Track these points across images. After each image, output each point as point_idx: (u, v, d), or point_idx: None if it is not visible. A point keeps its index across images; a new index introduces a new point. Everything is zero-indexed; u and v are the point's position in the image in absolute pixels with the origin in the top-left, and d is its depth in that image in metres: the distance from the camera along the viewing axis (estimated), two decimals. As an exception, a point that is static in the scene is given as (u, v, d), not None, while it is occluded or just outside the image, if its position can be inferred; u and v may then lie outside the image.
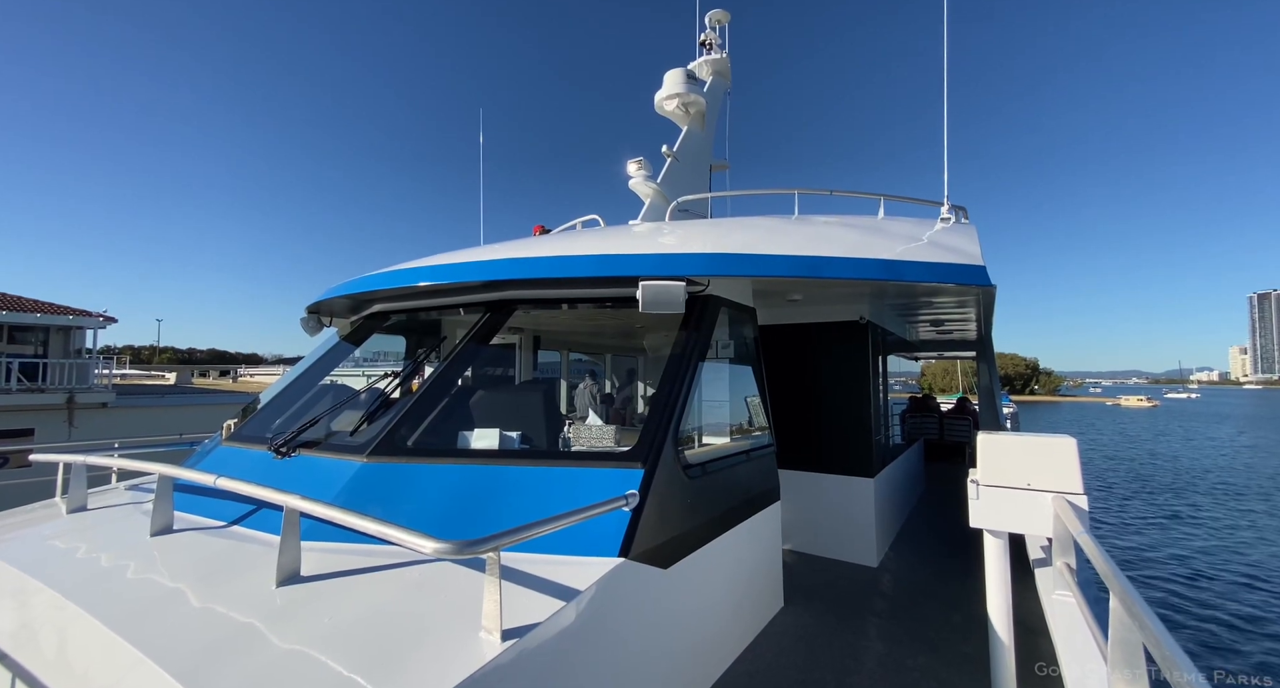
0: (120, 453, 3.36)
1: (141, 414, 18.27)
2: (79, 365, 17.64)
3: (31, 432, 15.84)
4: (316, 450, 2.78)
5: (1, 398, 15.59)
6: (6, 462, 15.29)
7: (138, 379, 29.44)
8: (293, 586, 1.93)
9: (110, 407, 17.42)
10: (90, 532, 2.77)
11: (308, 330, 4.56)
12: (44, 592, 2.04)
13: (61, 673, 1.90)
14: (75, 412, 16.67)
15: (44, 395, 16.34)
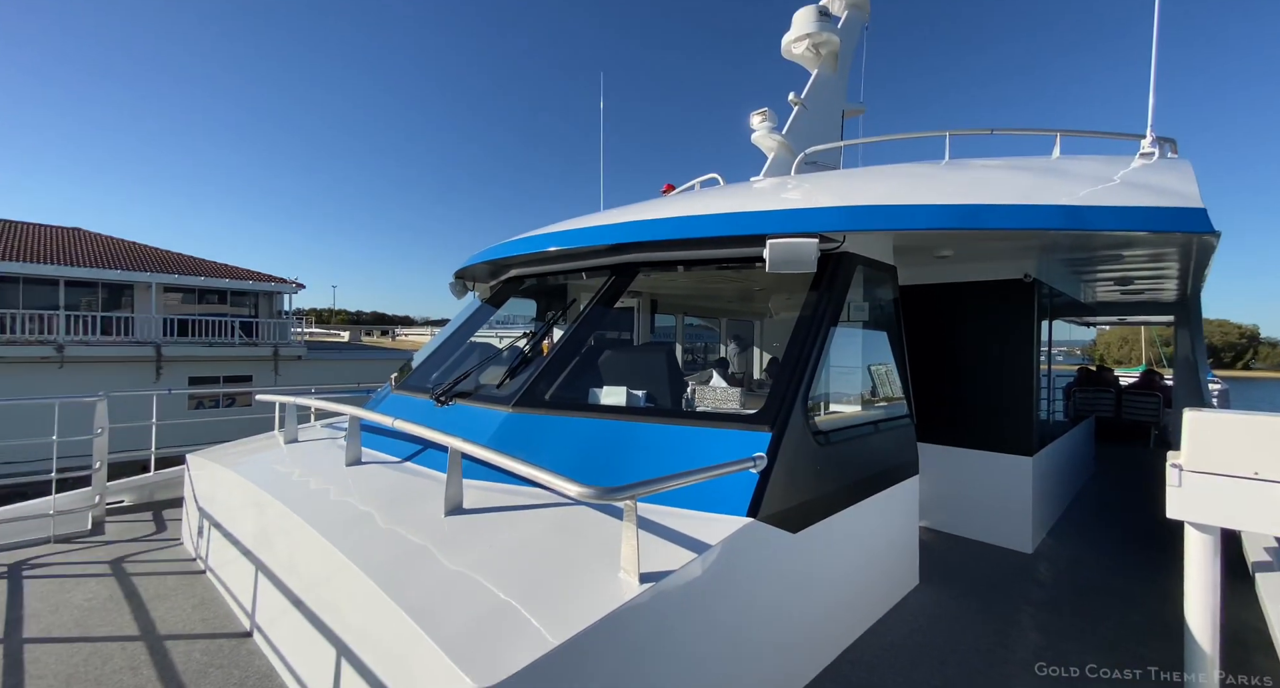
0: (317, 396, 4.02)
1: (326, 366, 21.79)
2: (280, 325, 21.37)
3: (250, 378, 19.66)
4: (469, 400, 3.10)
5: (228, 350, 19.46)
6: (234, 401, 19.23)
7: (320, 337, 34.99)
8: (457, 516, 2.21)
9: (304, 359, 20.99)
10: (301, 460, 3.39)
11: (455, 294, 5.04)
12: (275, 504, 2.54)
13: (288, 568, 2.37)
14: (279, 363, 20.34)
15: (257, 348, 20.10)
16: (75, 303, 18.14)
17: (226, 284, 21.14)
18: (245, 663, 2.35)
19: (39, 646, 2.53)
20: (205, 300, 21.51)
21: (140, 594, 3.03)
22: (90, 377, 16.08)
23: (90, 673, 2.31)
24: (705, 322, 8.91)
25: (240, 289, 21.67)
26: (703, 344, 9.45)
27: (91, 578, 3.28)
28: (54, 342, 16.36)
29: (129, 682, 2.24)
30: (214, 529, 3.26)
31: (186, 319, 19.33)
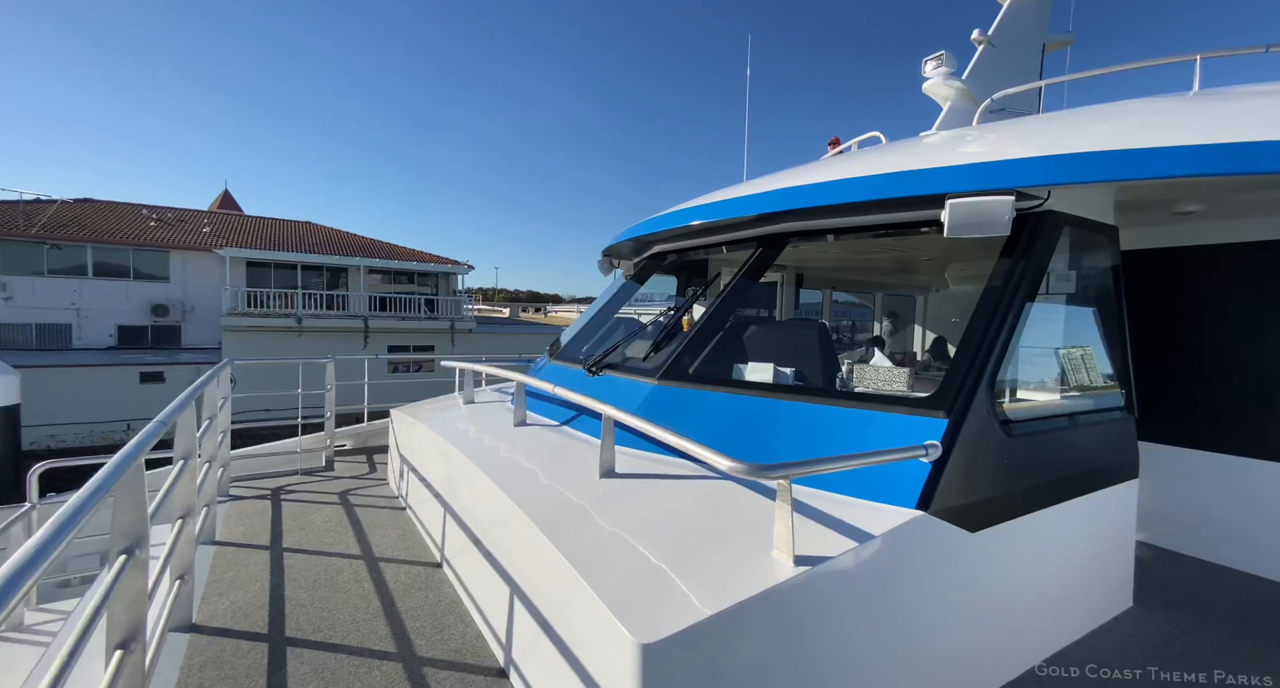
0: (488, 364, 4.50)
1: (492, 338, 24.47)
2: (456, 301, 24.41)
3: (433, 347, 22.82)
4: (617, 372, 3.23)
5: (416, 324, 22.76)
6: (421, 367, 22.51)
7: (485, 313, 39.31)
8: (610, 479, 2.32)
9: (474, 332, 23.80)
10: (477, 419, 3.83)
11: (602, 271, 5.26)
12: (458, 455, 2.90)
13: (470, 511, 2.70)
14: (455, 335, 23.30)
15: (438, 322, 23.22)
16: (308, 283, 22.48)
17: (414, 266, 24.62)
18: (437, 589, 2.76)
19: (293, 554, 3.22)
20: (398, 281, 25.30)
21: (360, 522, 3.71)
22: (319, 343, 19.95)
23: (327, 579, 2.89)
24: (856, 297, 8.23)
25: (424, 271, 25.11)
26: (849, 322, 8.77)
27: (326, 505, 4.08)
28: (295, 314, 20.54)
29: (355, 591, 2.75)
30: (411, 473, 3.85)
31: (386, 297, 23.00)
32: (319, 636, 2.35)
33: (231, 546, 3.31)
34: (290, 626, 2.43)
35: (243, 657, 2.21)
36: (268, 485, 4.49)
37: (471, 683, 2.05)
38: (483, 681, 2.06)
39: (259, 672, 2.11)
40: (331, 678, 2.08)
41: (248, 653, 2.23)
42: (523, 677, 1.97)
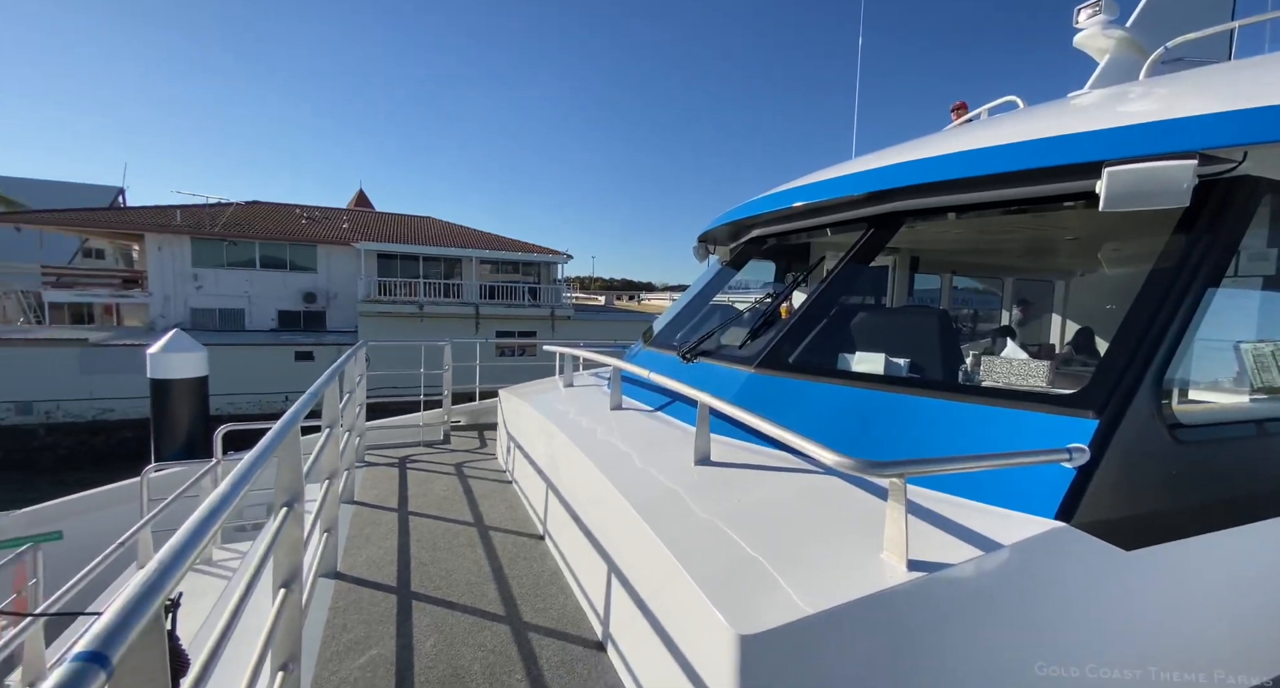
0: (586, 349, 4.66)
1: (588, 325, 25.32)
2: (556, 290, 25.52)
3: (535, 333, 24.09)
4: (712, 359, 3.19)
5: (520, 310, 24.11)
6: (524, 352, 23.86)
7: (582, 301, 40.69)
8: (705, 467, 2.31)
9: (572, 319, 24.78)
10: (576, 401, 3.98)
11: (697, 257, 5.21)
12: (559, 435, 3.04)
13: (570, 489, 2.83)
14: (555, 322, 24.40)
15: (539, 309, 24.45)
16: (428, 273, 24.59)
17: (519, 256, 26.05)
18: (540, 560, 2.93)
19: (417, 517, 3.56)
20: (504, 270, 26.90)
21: (473, 492, 4.03)
22: (437, 328, 21.81)
23: (445, 543, 3.17)
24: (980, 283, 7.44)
25: (528, 260, 26.47)
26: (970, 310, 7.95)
27: (444, 475, 4.48)
28: (417, 302, 22.61)
29: (468, 555, 3.00)
30: (516, 450, 4.10)
31: (494, 285, 24.61)
32: (438, 593, 2.60)
33: (366, 506, 3.74)
34: (415, 581, 2.70)
35: (376, 605, 2.50)
36: (395, 455, 5.01)
37: (571, 653, 2.15)
38: (581, 652, 2.16)
39: (389, 620, 2.38)
40: (449, 633, 2.28)
41: (380, 602, 2.52)
42: (620, 653, 2.03)
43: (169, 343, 6.69)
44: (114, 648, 0.67)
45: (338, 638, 2.23)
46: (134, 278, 22.48)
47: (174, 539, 0.96)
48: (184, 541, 0.96)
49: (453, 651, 2.16)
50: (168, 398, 6.57)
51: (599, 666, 2.08)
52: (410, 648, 2.17)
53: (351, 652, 2.14)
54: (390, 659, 2.10)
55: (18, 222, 22.04)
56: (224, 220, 22.56)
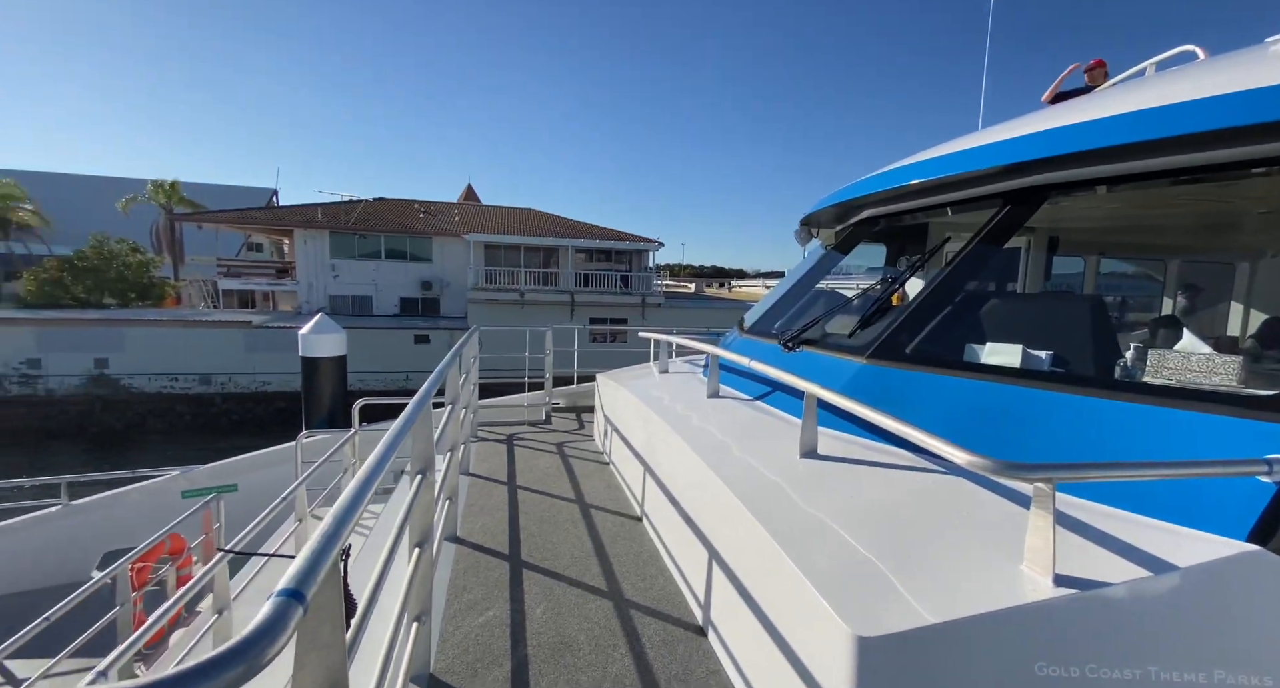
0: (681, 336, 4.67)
1: (679, 312, 25.35)
2: (647, 277, 25.77)
3: (625, 320, 24.53)
4: (817, 348, 3.06)
5: (613, 298, 24.64)
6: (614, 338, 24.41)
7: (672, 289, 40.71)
8: (812, 460, 2.23)
9: (662, 306, 24.92)
10: (672, 387, 4.01)
11: (799, 241, 5.00)
12: (657, 420, 3.08)
13: (668, 473, 2.86)
14: (646, 309, 24.68)
15: (631, 297, 24.83)
16: (528, 262, 25.84)
17: (612, 244, 26.57)
18: (639, 541, 3.00)
19: (524, 491, 3.80)
20: (598, 259, 27.58)
21: (574, 471, 4.21)
22: (535, 315, 22.91)
23: (550, 517, 3.35)
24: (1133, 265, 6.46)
25: (621, 248, 26.93)
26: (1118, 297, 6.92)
27: (546, 453, 4.72)
28: (518, 290, 23.88)
29: (571, 531, 3.14)
30: (614, 433, 4.22)
31: (588, 273, 25.34)
32: (546, 564, 2.75)
33: (480, 478, 4.04)
34: (525, 551, 2.88)
35: (492, 570, 2.70)
36: (503, 432, 5.36)
37: (672, 634, 2.19)
38: (682, 633, 2.19)
39: (504, 585, 2.56)
40: (558, 603, 2.41)
41: (495, 568, 2.72)
42: (721, 639, 2.04)
43: (316, 325, 7.64)
44: (307, 587, 0.78)
45: (459, 597, 2.44)
46: (285, 268, 25.83)
47: (344, 496, 1.09)
48: (353, 496, 1.08)
49: (561, 620, 2.28)
50: (315, 374, 7.52)
51: (699, 649, 2.10)
52: (523, 613, 2.32)
53: (471, 611, 2.34)
54: (505, 622, 2.26)
55: (198, 220, 26.12)
56: (355, 216, 25.18)
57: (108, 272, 22.33)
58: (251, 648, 0.64)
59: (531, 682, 1.92)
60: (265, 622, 0.68)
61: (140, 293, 23.18)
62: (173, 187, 29.68)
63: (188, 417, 19.22)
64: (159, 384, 19.23)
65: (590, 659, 2.04)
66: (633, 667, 2.00)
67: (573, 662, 2.03)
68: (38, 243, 28.10)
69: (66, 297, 21.15)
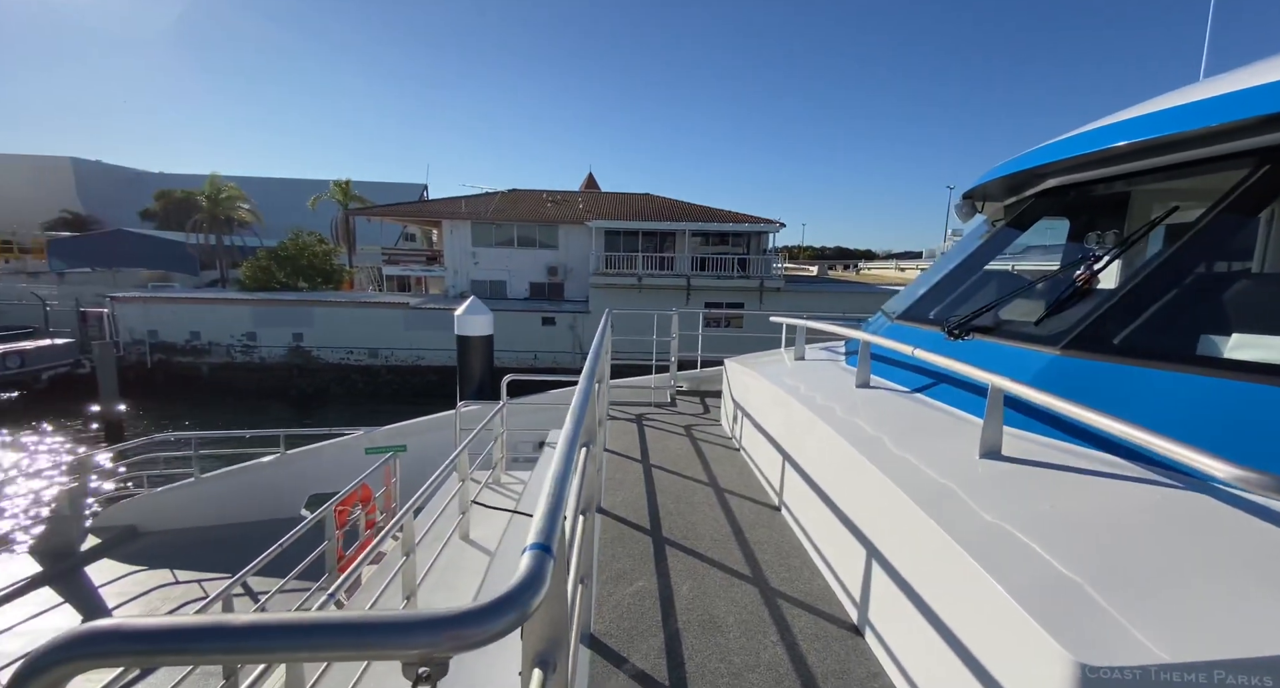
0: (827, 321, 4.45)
1: (799, 296, 24.27)
2: (765, 260, 24.92)
3: (742, 305, 24.01)
4: (991, 336, 2.74)
5: (729, 282, 24.20)
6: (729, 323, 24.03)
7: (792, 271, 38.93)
8: (994, 462, 2.01)
9: (782, 291, 23.99)
10: (812, 374, 3.85)
11: (960, 217, 4.49)
12: (800, 409, 2.97)
13: (813, 462, 2.76)
14: (764, 293, 23.93)
15: (748, 281, 24.20)
16: (645, 247, 26.25)
17: (730, 227, 26.04)
18: (779, 530, 2.95)
19: (658, 470, 3.90)
20: (714, 242, 27.22)
21: (704, 454, 4.24)
22: (652, 299, 23.28)
23: (686, 497, 3.40)
24: None
25: (738, 230, 26.31)
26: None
27: (675, 435, 4.80)
28: (636, 274, 24.38)
29: (708, 513, 3.17)
30: (745, 419, 4.16)
31: (705, 257, 25.13)
32: (687, 543, 2.81)
33: (616, 454, 4.22)
34: (665, 528, 2.97)
35: (637, 543, 2.82)
36: (633, 411, 5.54)
37: (825, 630, 2.13)
38: (835, 631, 2.12)
39: (649, 558, 2.66)
40: (703, 583, 2.46)
41: (639, 541, 2.84)
42: (883, 642, 1.94)
43: (468, 307, 8.47)
44: (551, 540, 0.86)
45: (609, 566, 2.58)
46: (434, 256, 28.85)
47: (557, 462, 1.18)
48: (564, 463, 1.17)
49: (707, 600, 2.32)
50: (468, 350, 8.37)
51: (857, 649, 2.01)
52: (670, 588, 2.40)
53: (622, 580, 2.46)
54: (654, 594, 2.35)
55: (367, 214, 30.04)
56: (493, 207, 27.30)
57: (301, 260, 26.56)
58: (522, 596, 0.72)
59: (685, 655, 1.98)
60: (529, 574, 0.76)
61: (325, 278, 27.29)
62: (346, 185, 34.42)
63: (360, 384, 22.43)
64: (338, 356, 22.63)
65: (741, 643, 2.05)
66: (785, 656, 1.97)
67: (723, 643, 2.05)
68: (252, 237, 34.19)
69: (273, 282, 25.56)
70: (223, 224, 33.30)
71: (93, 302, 23.26)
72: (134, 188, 47.64)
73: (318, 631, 0.64)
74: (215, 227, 32.87)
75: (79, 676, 0.63)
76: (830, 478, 2.54)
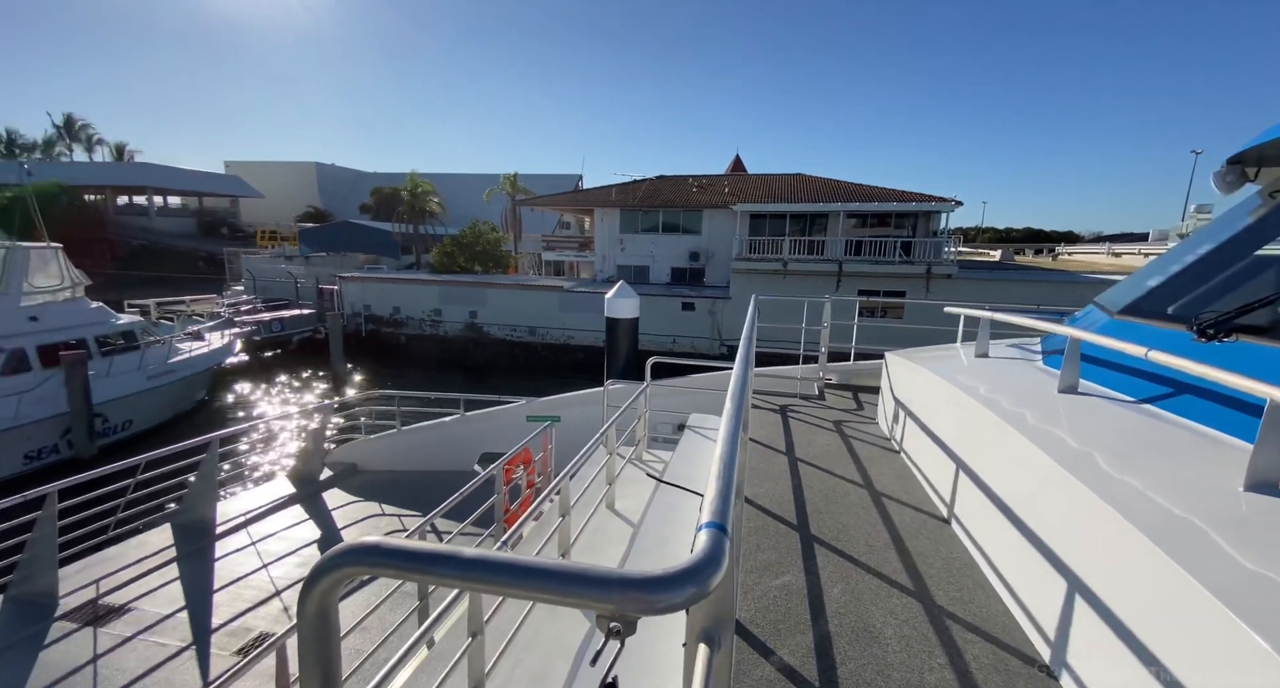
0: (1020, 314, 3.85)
1: (978, 285, 21.35)
2: (934, 244, 22.24)
3: (904, 293, 21.77)
4: (1266, 339, 2.14)
5: (889, 268, 22.07)
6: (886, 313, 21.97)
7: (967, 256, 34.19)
8: (1267, 496, 1.59)
9: (954, 278, 21.27)
10: (998, 375, 3.37)
11: (1219, 188, 3.55)
12: (985, 414, 2.62)
13: (998, 479, 2.42)
14: (930, 281, 21.44)
15: (912, 267, 21.84)
16: (793, 230, 25.04)
17: (894, 207, 23.68)
18: (948, 544, 2.66)
19: (805, 465, 3.74)
20: (873, 224, 24.99)
21: (856, 453, 3.97)
22: (797, 285, 22.18)
23: (837, 496, 3.22)
24: None
25: (904, 211, 23.82)
26: None
27: (824, 430, 4.55)
28: (780, 259, 23.39)
29: (862, 516, 2.97)
30: (909, 419, 3.79)
31: (860, 241, 23.22)
32: (837, 544, 2.67)
33: (758, 444, 4.14)
34: (814, 525, 2.85)
35: (782, 536, 2.75)
36: (776, 402, 5.37)
37: (1008, 664, 1.88)
38: (1022, 668, 1.86)
39: (795, 553, 2.58)
40: (855, 587, 2.32)
41: (785, 534, 2.76)
42: None
43: (618, 291, 8.89)
44: (726, 521, 0.86)
45: (753, 556, 2.56)
46: (585, 242, 30.65)
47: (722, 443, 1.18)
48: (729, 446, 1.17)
49: (861, 606, 2.18)
50: (615, 331, 8.81)
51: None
52: (819, 587, 2.30)
53: (768, 572, 2.42)
54: (802, 591, 2.28)
55: (530, 204, 32.88)
56: (641, 194, 28.11)
57: (477, 247, 30.01)
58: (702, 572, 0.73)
59: (837, 659, 1.89)
60: (709, 553, 0.77)
61: (496, 262, 30.55)
62: (514, 178, 37.95)
63: (520, 359, 24.88)
64: (504, 333, 25.28)
65: (901, 659, 1.90)
66: (956, 683, 1.78)
67: (880, 655, 1.92)
68: (440, 226, 39.42)
69: (455, 265, 29.28)
70: (418, 215, 38.90)
71: (327, 280, 28.79)
72: (356, 185, 57.71)
73: (532, 573, 0.72)
74: (413, 217, 38.53)
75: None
76: (1020, 494, 2.21)
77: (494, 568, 0.74)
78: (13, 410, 11.42)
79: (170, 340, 15.66)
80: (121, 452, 11.44)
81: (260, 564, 5.62)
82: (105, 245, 39.70)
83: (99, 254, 35.94)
